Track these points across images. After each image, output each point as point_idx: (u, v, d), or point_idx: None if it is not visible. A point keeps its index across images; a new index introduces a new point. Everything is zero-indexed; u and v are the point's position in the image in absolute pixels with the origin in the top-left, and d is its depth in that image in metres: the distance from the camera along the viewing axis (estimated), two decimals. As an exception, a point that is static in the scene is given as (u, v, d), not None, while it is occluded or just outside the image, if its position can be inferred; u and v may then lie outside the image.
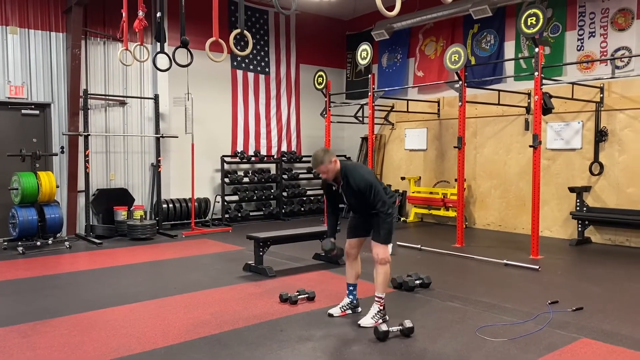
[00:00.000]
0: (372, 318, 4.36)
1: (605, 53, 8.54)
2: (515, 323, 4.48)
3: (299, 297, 5.08)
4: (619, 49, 8.42)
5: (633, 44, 8.25)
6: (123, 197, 9.54)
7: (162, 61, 6.82)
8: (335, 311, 4.79)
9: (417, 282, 5.59)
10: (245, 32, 5.88)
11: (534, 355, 3.78)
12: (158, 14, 6.20)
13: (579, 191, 8.41)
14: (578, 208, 8.40)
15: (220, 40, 5.78)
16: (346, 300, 4.83)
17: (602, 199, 8.43)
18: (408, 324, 4.04)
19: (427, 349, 3.89)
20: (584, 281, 6.01)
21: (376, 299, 4.43)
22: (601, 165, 8.41)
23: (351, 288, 4.81)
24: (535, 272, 6.42)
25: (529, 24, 7.03)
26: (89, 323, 4.52)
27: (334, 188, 4.54)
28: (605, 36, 8.53)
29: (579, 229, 8.42)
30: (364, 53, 9.47)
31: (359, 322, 4.36)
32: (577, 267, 6.87)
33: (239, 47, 7.43)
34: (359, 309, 4.81)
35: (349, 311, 4.80)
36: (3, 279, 6.16)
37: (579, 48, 8.88)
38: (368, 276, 5.72)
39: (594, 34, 8.66)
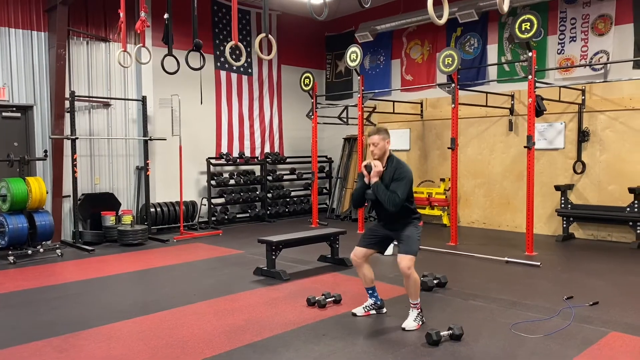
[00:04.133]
0: (414, 321, 4.45)
1: (585, 56, 8.97)
2: (543, 319, 4.67)
3: (327, 300, 5.11)
4: (598, 53, 8.86)
5: (611, 48, 8.70)
6: (109, 201, 9.28)
7: (170, 64, 6.67)
8: (359, 311, 4.87)
9: (435, 281, 5.72)
10: (239, 44, 5.82)
11: (575, 350, 3.96)
12: (166, 16, 6.07)
13: (564, 189, 8.79)
14: (563, 205, 8.79)
15: (239, 44, 5.69)
16: (370, 301, 4.91)
17: (584, 196, 8.85)
18: (458, 330, 4.14)
19: (473, 349, 4.01)
20: (586, 276, 6.31)
21: (412, 305, 4.51)
22: (584, 164, 8.83)
23: (370, 291, 4.87)
24: (538, 269, 6.69)
25: (523, 29, 7.30)
26: (122, 334, 4.41)
27: (366, 181, 4.54)
28: (586, 40, 8.95)
29: (564, 225, 8.81)
30: (353, 55, 9.56)
31: (402, 326, 4.44)
32: (574, 262, 7.18)
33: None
34: (384, 310, 4.91)
35: (373, 311, 4.88)
36: (3, 290, 5.90)
37: (559, 51, 9.28)
38: (384, 277, 5.87)
39: (574, 39, 9.07)
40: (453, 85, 8.32)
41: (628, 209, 8.09)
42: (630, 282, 6.02)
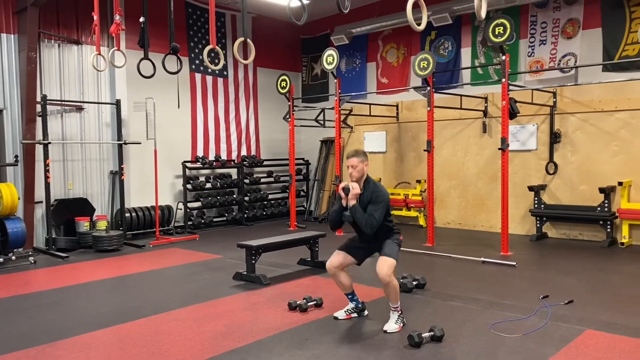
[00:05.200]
0: (395, 323, 4.50)
1: (554, 59, 9.18)
2: (521, 318, 4.76)
3: (308, 304, 5.12)
4: (566, 55, 9.09)
5: (579, 50, 8.92)
6: (83, 207, 9.11)
7: (146, 67, 6.60)
8: (341, 314, 4.90)
9: (414, 283, 5.78)
10: (217, 47, 5.80)
11: (552, 348, 4.05)
12: (142, 19, 5.99)
13: (537, 190, 8.98)
14: (536, 205, 8.97)
15: (217, 48, 5.66)
16: (351, 305, 4.94)
17: (557, 196, 9.06)
18: (439, 331, 4.19)
19: (455, 350, 4.07)
20: (561, 274, 6.45)
21: (392, 308, 4.56)
22: (556, 165, 9.03)
23: (350, 296, 4.90)
24: (513, 268, 6.82)
25: (496, 33, 7.43)
26: (101, 343, 4.34)
27: (343, 203, 4.59)
28: (555, 44, 9.17)
29: (537, 224, 9.00)
30: (329, 58, 9.58)
31: (384, 329, 4.47)
32: (548, 261, 7.33)
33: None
34: (365, 312, 4.95)
35: (354, 314, 4.92)
36: (-24, 300, 5.75)
37: (529, 54, 9.49)
38: (363, 280, 5.89)
39: (544, 42, 9.28)
40: (428, 88, 8.42)
41: (598, 208, 8.30)
42: (603, 279, 6.18)
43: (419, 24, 4.68)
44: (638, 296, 5.50)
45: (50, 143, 8.48)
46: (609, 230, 8.26)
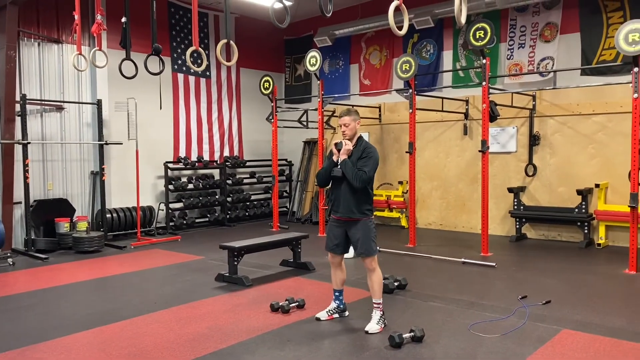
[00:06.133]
0: (376, 324, 4.54)
1: (532, 62, 9.33)
2: (500, 319, 4.85)
3: (290, 305, 5.14)
4: (544, 59, 9.24)
5: (556, 54, 9.08)
6: (63, 207, 9.01)
7: (128, 68, 6.56)
8: (323, 315, 4.93)
9: (396, 284, 5.84)
10: (200, 49, 5.80)
11: (530, 348, 4.13)
12: (123, 19, 5.96)
13: (516, 191, 9.12)
14: (515, 207, 9.11)
15: (200, 49, 5.65)
16: (333, 305, 4.98)
17: (536, 198, 9.20)
18: (419, 331, 4.24)
19: (435, 350, 4.13)
20: (539, 275, 6.56)
21: (375, 305, 4.61)
22: (535, 167, 9.18)
23: (337, 294, 4.95)
24: (493, 269, 6.92)
25: (477, 36, 7.54)
26: (81, 345, 4.31)
27: (334, 159, 4.64)
28: (533, 47, 9.32)
29: (517, 226, 9.13)
30: (313, 60, 9.62)
31: (366, 329, 4.51)
32: (526, 262, 7.45)
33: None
34: (347, 313, 4.99)
35: (336, 315, 4.96)
36: (-47, 303, 5.66)
37: (509, 57, 9.62)
38: (348, 281, 5.91)
39: (523, 45, 9.43)
40: (410, 90, 8.50)
41: (576, 209, 8.46)
42: (580, 280, 6.31)
43: (400, 28, 4.73)
44: (613, 296, 5.64)
45: (29, 143, 8.38)
46: (586, 231, 8.42)
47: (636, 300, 5.53)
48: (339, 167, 4.60)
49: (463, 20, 4.37)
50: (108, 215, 9.38)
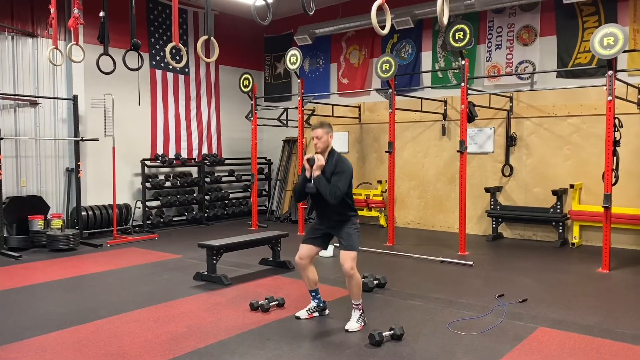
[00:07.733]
0: (356, 322, 4.56)
1: (510, 64, 9.46)
2: (478, 317, 4.91)
3: (270, 304, 5.12)
4: (522, 62, 9.37)
5: (537, 58, 9.22)
6: (37, 205, 8.83)
7: (106, 63, 6.45)
8: (302, 314, 4.93)
9: (375, 282, 5.86)
10: (180, 45, 5.73)
11: (507, 345, 4.20)
12: (102, 14, 5.86)
13: (493, 191, 9.24)
14: (492, 206, 9.23)
15: (180, 45, 5.59)
16: (312, 304, 4.97)
17: (512, 198, 9.34)
18: (399, 330, 4.27)
19: (414, 348, 4.16)
20: (515, 274, 6.66)
21: (354, 306, 4.62)
22: (511, 168, 9.31)
23: (313, 293, 4.94)
24: (470, 268, 7.00)
25: (456, 38, 7.62)
26: (57, 345, 4.23)
27: (307, 174, 4.60)
28: (511, 49, 9.45)
29: (493, 225, 9.26)
30: (293, 58, 9.60)
31: (345, 328, 4.52)
32: (503, 261, 7.56)
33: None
34: (327, 312, 4.99)
35: (316, 314, 4.95)
36: None
37: (487, 59, 9.74)
38: (325, 280, 5.93)
39: (500, 46, 9.56)
40: (390, 90, 8.54)
41: (551, 210, 8.61)
42: (555, 279, 6.42)
43: (383, 27, 4.74)
44: (587, 295, 5.75)
45: (2, 139, 8.17)
46: (560, 231, 8.57)
47: (609, 298, 5.66)
48: (312, 183, 4.56)
49: (445, 21, 4.40)
50: (83, 213, 9.23)
